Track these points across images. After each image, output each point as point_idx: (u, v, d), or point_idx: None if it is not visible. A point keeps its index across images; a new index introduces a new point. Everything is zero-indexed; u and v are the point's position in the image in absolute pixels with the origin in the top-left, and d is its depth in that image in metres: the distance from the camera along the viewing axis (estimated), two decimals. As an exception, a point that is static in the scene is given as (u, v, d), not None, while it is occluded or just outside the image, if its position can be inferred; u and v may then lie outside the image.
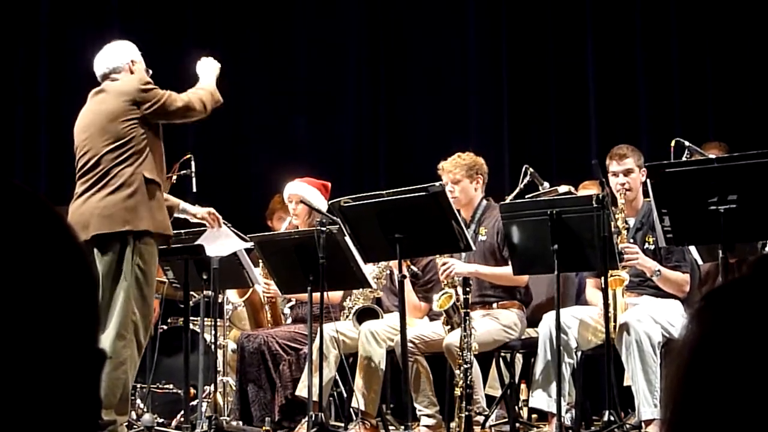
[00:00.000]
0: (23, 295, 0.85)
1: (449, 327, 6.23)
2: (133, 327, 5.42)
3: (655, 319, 5.84)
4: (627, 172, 6.16)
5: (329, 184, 7.24)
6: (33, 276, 0.86)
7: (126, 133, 5.55)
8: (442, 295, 6.28)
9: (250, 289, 7.35)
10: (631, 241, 6.09)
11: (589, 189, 6.87)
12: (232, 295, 7.53)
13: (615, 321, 5.78)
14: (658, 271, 5.96)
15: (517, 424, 6.32)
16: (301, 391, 6.48)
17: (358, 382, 6.46)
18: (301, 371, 6.74)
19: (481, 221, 6.50)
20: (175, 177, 7.13)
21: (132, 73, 5.79)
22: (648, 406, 5.67)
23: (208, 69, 6.12)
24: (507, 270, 6.18)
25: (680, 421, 0.92)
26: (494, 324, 6.32)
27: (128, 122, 5.56)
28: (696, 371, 0.92)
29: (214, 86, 6.01)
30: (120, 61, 5.79)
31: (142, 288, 5.46)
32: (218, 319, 6.85)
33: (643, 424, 5.68)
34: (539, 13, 9.32)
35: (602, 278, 5.63)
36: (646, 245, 6.08)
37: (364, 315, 6.76)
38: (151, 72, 5.92)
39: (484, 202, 6.55)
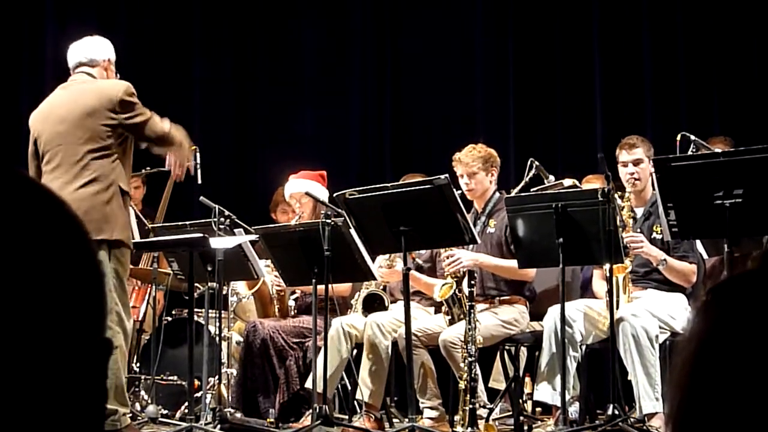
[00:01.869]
0: (30, 283, 0.85)
1: (449, 318, 6.23)
2: (118, 318, 5.41)
3: (653, 313, 5.85)
4: (636, 162, 6.15)
5: (325, 173, 7.24)
6: (39, 264, 0.86)
7: (103, 134, 5.50)
8: (444, 285, 6.28)
9: (260, 281, 7.36)
10: (639, 230, 6.08)
11: (593, 183, 6.87)
12: (241, 287, 7.53)
13: (618, 308, 5.79)
14: (664, 260, 5.95)
15: (521, 418, 6.31)
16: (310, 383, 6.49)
17: (363, 375, 6.46)
18: (307, 365, 6.75)
19: (491, 213, 6.50)
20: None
21: (106, 72, 5.75)
22: (649, 399, 5.67)
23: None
24: (514, 263, 6.17)
25: (687, 414, 0.92)
26: (493, 319, 6.30)
27: (105, 126, 5.51)
28: (702, 365, 0.92)
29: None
30: (99, 56, 5.75)
31: (121, 277, 5.48)
32: (223, 311, 6.86)
33: (645, 418, 5.68)
34: (546, 5, 9.31)
35: (607, 272, 5.65)
36: (654, 235, 6.08)
37: (369, 302, 6.78)
38: (119, 76, 5.87)
39: (497, 194, 6.54)
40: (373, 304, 6.82)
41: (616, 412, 5.45)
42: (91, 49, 5.76)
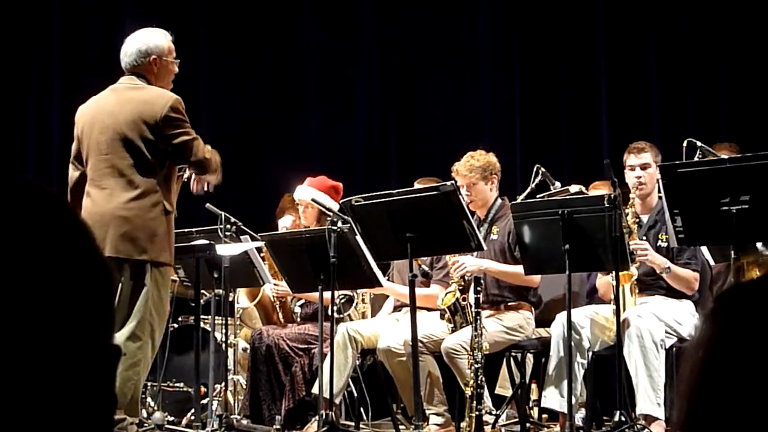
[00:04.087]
0: (38, 290, 0.86)
1: (452, 326, 6.22)
2: (150, 329, 5.38)
3: (659, 317, 5.84)
4: (644, 167, 6.15)
5: (341, 185, 7.19)
6: (47, 271, 0.87)
7: (146, 149, 5.33)
8: (447, 293, 6.28)
9: (260, 293, 7.36)
10: (644, 238, 6.08)
11: (599, 189, 6.86)
12: (243, 300, 7.53)
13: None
14: (668, 267, 5.96)
15: (528, 424, 6.31)
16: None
17: (401, 394, 6.49)
18: (313, 372, 6.74)
19: (494, 221, 6.50)
20: (186, 175, 7.14)
21: (155, 72, 5.51)
22: (650, 402, 5.66)
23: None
24: (519, 269, 6.16)
25: (695, 421, 0.92)
26: (497, 326, 6.30)
27: (147, 143, 5.34)
28: (710, 372, 0.92)
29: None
30: (144, 56, 5.51)
31: (160, 290, 5.42)
32: (229, 318, 6.86)
33: (642, 419, 5.66)
34: (552, 11, 9.31)
35: (613, 279, 5.64)
36: (659, 243, 6.08)
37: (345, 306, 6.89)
38: (178, 62, 5.64)
39: (499, 201, 6.53)
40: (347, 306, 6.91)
41: (623, 419, 5.44)
42: (136, 49, 5.51)
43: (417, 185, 6.90)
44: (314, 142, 9.70)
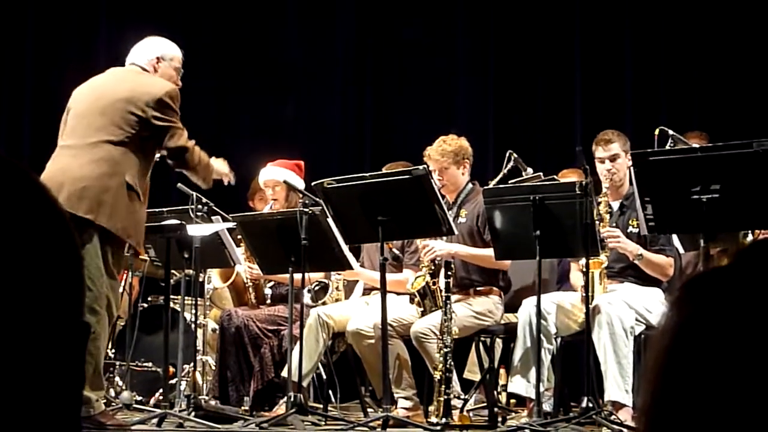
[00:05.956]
0: (7, 265, 0.85)
1: (422, 310, 6.23)
2: (106, 302, 5.39)
3: (629, 304, 5.85)
4: (613, 158, 6.14)
5: (302, 163, 7.23)
6: (16, 246, 0.86)
7: (130, 123, 5.46)
8: (417, 276, 6.29)
9: (234, 275, 7.34)
10: (614, 225, 6.08)
11: (570, 176, 6.87)
12: (216, 280, 7.51)
13: (593, 301, 5.80)
14: (640, 254, 5.96)
15: (496, 409, 6.33)
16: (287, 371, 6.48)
17: (371, 379, 6.49)
18: (282, 354, 6.74)
19: (463, 203, 6.49)
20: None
21: (157, 69, 5.73)
22: (618, 389, 5.67)
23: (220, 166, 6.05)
24: (488, 252, 6.17)
25: (658, 408, 0.92)
26: (466, 311, 6.30)
27: (135, 116, 5.47)
28: (674, 359, 0.92)
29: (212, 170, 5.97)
30: (145, 56, 5.76)
31: (108, 263, 5.43)
32: (199, 298, 6.84)
33: (611, 405, 5.69)
34: (528, 0, 9.33)
35: (583, 267, 5.66)
36: (630, 228, 6.08)
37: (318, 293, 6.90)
38: (182, 72, 5.88)
39: (470, 185, 6.53)
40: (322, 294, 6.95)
41: (590, 405, 5.46)
42: (138, 52, 5.79)
43: (385, 170, 6.88)
44: (289, 124, 9.67)
